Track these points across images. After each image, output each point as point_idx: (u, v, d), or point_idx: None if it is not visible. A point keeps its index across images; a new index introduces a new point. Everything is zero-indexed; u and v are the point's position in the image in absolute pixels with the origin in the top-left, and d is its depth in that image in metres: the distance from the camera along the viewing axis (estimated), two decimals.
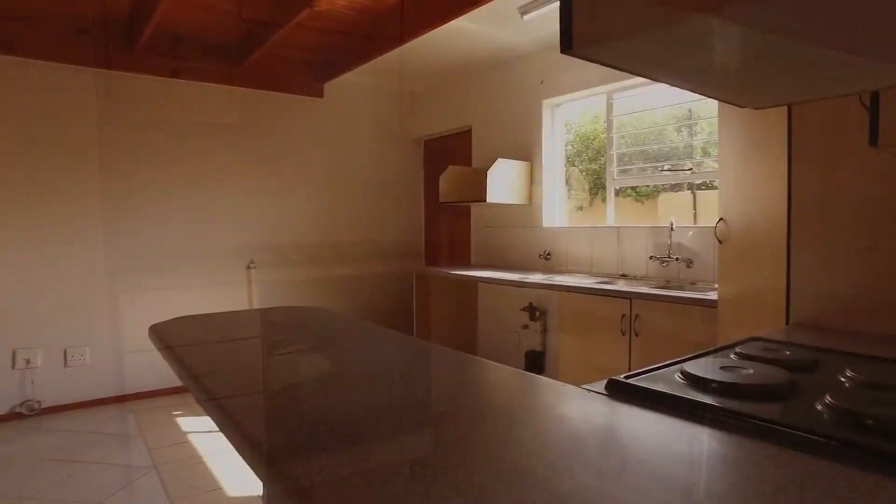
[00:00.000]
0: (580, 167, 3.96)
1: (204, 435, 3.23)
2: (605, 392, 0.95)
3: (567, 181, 4.00)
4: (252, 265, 4.27)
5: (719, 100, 1.09)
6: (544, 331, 3.24)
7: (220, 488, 2.59)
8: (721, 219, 2.23)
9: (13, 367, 3.45)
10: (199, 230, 4.06)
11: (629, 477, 0.63)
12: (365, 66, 4.08)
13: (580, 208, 3.95)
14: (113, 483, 2.64)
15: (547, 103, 3.92)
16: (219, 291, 4.11)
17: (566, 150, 4.00)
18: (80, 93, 3.66)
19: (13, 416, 3.46)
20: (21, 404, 3.47)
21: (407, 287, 4.81)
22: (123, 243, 3.79)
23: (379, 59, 3.91)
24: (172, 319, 1.64)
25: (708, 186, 3.13)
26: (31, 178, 3.50)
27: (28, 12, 3.43)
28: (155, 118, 3.92)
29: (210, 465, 2.84)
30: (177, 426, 3.37)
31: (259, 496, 2.51)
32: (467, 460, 0.68)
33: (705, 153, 3.15)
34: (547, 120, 3.94)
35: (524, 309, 3.30)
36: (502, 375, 1.08)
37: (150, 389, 3.89)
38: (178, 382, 3.94)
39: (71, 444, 3.11)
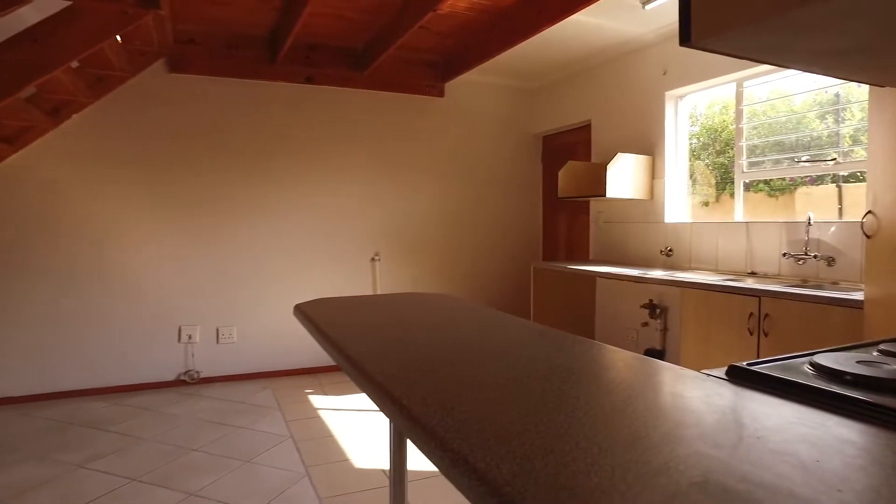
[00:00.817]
0: (706, 161, 3.77)
1: (332, 412, 3.51)
2: (725, 377, 0.96)
3: (691, 175, 3.83)
4: (376, 258, 4.55)
5: (856, 81, 1.04)
6: (664, 329, 3.15)
7: (348, 460, 2.82)
8: (869, 211, 2.05)
9: (179, 340, 3.99)
10: (328, 224, 4.40)
11: (745, 449, 0.66)
12: (484, 64, 4.18)
13: (706, 203, 3.77)
14: (258, 446, 2.97)
15: (670, 95, 3.78)
16: (345, 281, 4.43)
17: (691, 144, 3.83)
18: (230, 101, 4.11)
19: (179, 383, 4.00)
20: (185, 373, 4.01)
21: (524, 282, 4.87)
22: (261, 235, 4.21)
23: (498, 56, 3.99)
24: (314, 300, 1.83)
25: (856, 179, 2.86)
26: (192, 180, 4.01)
27: (194, 36, 3.93)
28: (291, 121, 4.30)
29: (338, 439, 3.09)
30: (309, 403, 3.70)
31: (382, 470, 2.71)
32: (587, 424, 0.74)
33: (855, 141, 2.88)
34: (670, 112, 3.81)
35: (644, 306, 3.23)
36: (622, 356, 1.11)
37: (285, 369, 4.29)
38: (309, 364, 4.34)
39: (223, 409, 3.53)
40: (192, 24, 3.83)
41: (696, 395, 0.87)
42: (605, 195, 3.78)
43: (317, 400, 3.76)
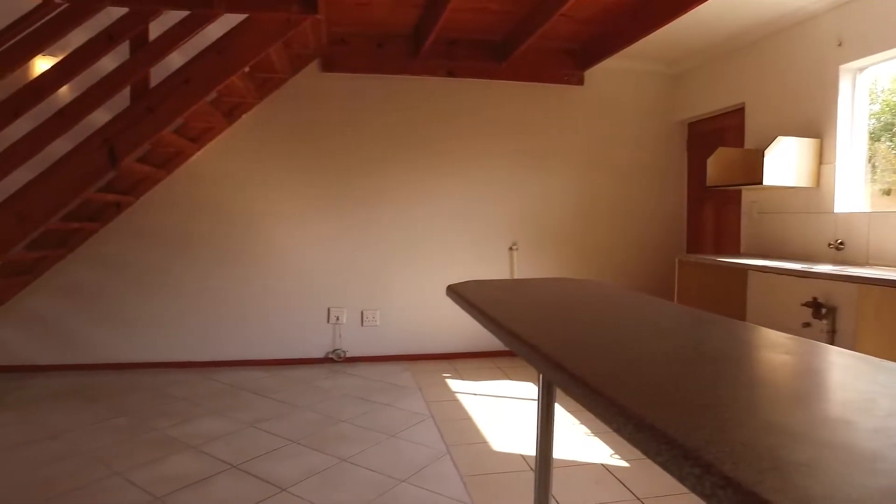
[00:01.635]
0: (889, 143, 3.33)
1: (469, 396, 3.61)
2: None
3: (870, 160, 3.40)
4: (514, 247, 4.59)
5: None
6: (832, 331, 2.84)
7: (486, 442, 2.89)
8: None
9: (328, 321, 4.33)
10: (467, 213, 4.51)
11: None
12: (625, 50, 4.03)
13: (887, 192, 3.32)
14: (400, 422, 3.15)
15: (846, 69, 3.37)
16: (483, 270, 4.52)
17: (870, 124, 3.40)
18: (377, 96, 4.36)
19: (327, 360, 4.35)
20: (332, 352, 4.35)
21: (666, 275, 4.64)
22: (404, 224, 4.42)
23: (639, 41, 3.83)
24: (465, 281, 1.89)
25: None
26: (343, 171, 4.31)
27: (345, 36, 4.22)
28: (433, 113, 4.45)
29: (476, 422, 3.18)
30: (447, 386, 3.83)
31: (521, 455, 2.74)
32: (774, 404, 0.70)
33: None
34: (845, 89, 3.40)
35: (806, 304, 2.94)
36: (779, 339, 1.03)
37: (423, 353, 4.48)
38: (446, 350, 4.50)
39: (367, 387, 3.78)
40: (342, 25, 4.12)
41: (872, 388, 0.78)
42: (761, 183, 3.48)
43: (454, 384, 3.88)
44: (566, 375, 0.83)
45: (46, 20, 3.22)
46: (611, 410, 0.70)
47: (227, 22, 3.30)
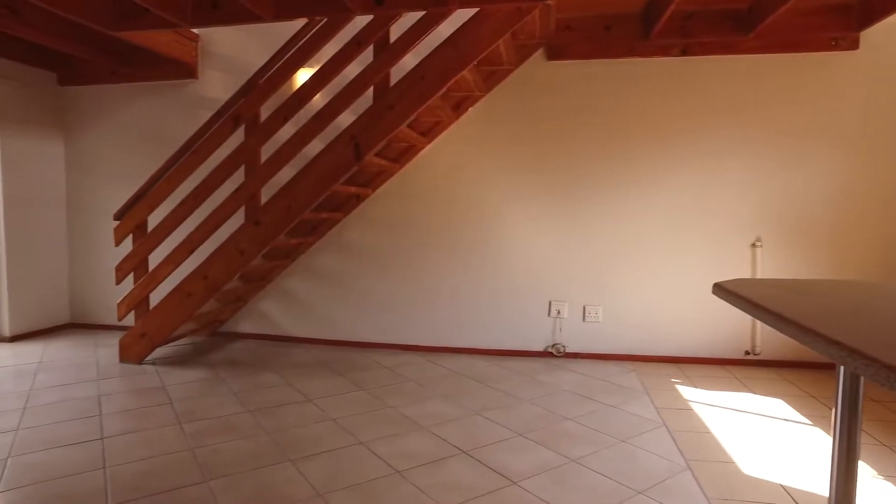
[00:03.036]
0: None
1: (706, 407, 3.23)
2: None
3: None
4: (757, 243, 4.00)
5: None
6: None
7: (733, 463, 2.53)
8: None
9: (548, 314, 4.25)
10: (699, 205, 4.04)
11: None
12: None
13: None
14: (630, 427, 2.92)
15: None
16: (719, 267, 4.02)
17: None
18: (603, 82, 4.12)
19: (546, 354, 4.27)
20: (552, 346, 4.26)
21: None
22: (629, 216, 4.12)
23: None
24: (737, 279, 1.63)
25: None
26: (566, 161, 4.18)
27: (571, 22, 4.07)
28: (662, 96, 4.07)
29: (718, 437, 2.81)
30: (678, 393, 3.48)
31: (781, 485, 2.34)
32: None
33: None
34: None
35: None
36: None
37: (647, 355, 4.16)
38: (673, 353, 4.11)
39: (589, 385, 3.60)
40: (569, 11, 3.96)
41: None
42: None
43: (685, 391, 3.51)
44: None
45: (308, 37, 3.65)
46: None
47: (456, 20, 3.39)
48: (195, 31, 4.62)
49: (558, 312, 4.22)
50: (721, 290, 1.54)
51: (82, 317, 5.19)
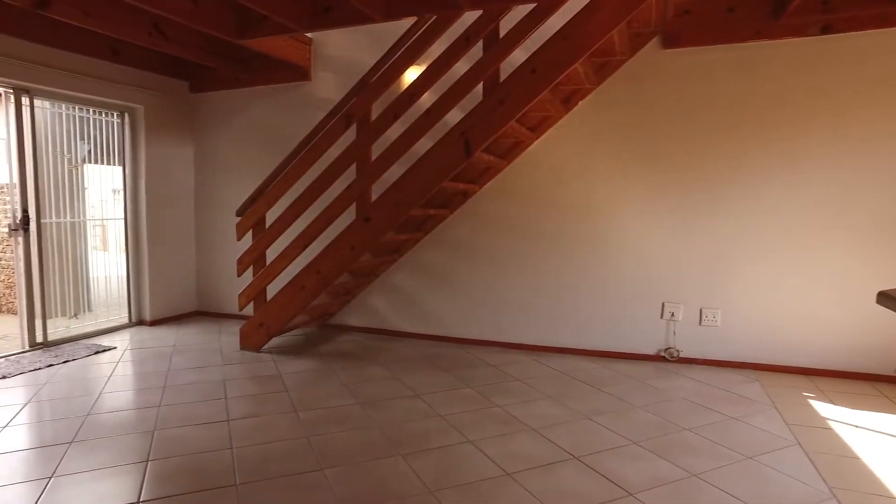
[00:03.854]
0: None
1: (848, 428, 2.90)
2: None
3: None
4: None
5: None
6: None
7: (892, 498, 2.24)
8: None
9: (661, 316, 4.02)
10: (839, 200, 3.64)
11: None
12: None
13: None
14: (757, 443, 2.69)
15: None
16: (862, 269, 3.60)
17: None
18: (724, 68, 3.82)
19: (658, 358, 4.05)
20: (665, 350, 4.03)
21: None
22: (755, 213, 3.80)
23: None
24: None
25: None
26: (682, 154, 3.92)
27: (690, 7, 3.80)
28: (795, 82, 3.70)
29: (867, 464, 2.51)
30: (812, 409, 3.16)
31: None
32: None
33: None
34: None
35: None
36: None
37: (772, 364, 3.82)
38: (804, 364, 3.74)
39: (707, 394, 3.37)
40: None
41: None
42: None
43: (821, 408, 3.18)
44: None
45: (417, 36, 3.68)
46: None
47: (567, 11, 3.28)
48: (308, 34, 4.83)
49: (672, 314, 3.98)
50: (890, 300, 1.35)
51: (207, 305, 5.62)
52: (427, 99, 3.81)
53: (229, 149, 5.36)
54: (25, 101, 4.15)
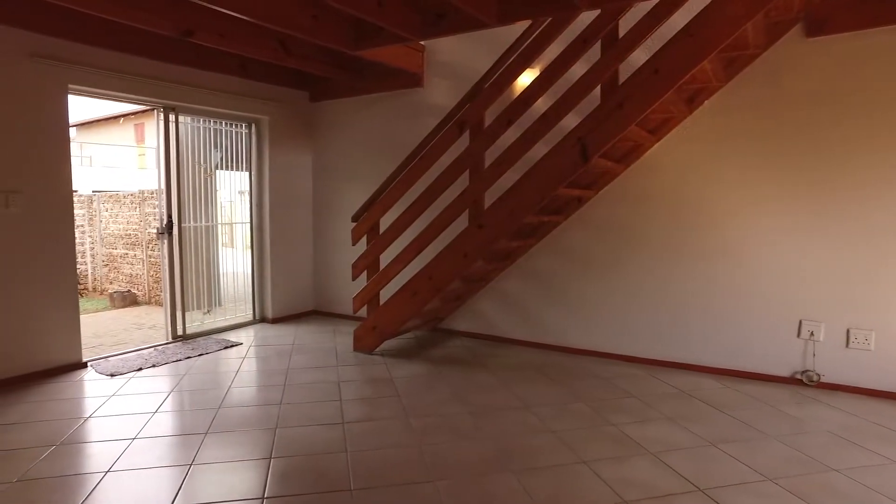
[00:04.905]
0: None
1: None
2: None
3: None
4: None
5: None
6: None
7: None
8: None
9: (798, 335, 3.64)
10: None
11: None
12: None
13: None
14: None
15: None
16: None
17: None
18: (876, 56, 3.36)
19: (793, 381, 3.67)
20: (802, 372, 3.64)
21: None
22: None
23: None
24: None
25: None
26: (826, 152, 3.52)
27: None
28: None
29: None
30: None
31: None
32: None
33: None
34: None
35: None
36: None
37: None
38: None
39: (858, 428, 2.98)
40: None
41: None
42: None
43: None
44: None
45: (531, 39, 3.60)
46: None
47: (692, 6, 3.05)
48: (421, 41, 4.90)
49: (811, 334, 3.58)
50: None
51: (322, 305, 5.90)
52: (542, 104, 3.72)
53: (345, 155, 5.58)
54: (172, 117, 4.57)
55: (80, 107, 14.91)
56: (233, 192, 5.61)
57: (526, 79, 3.99)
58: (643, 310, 4.13)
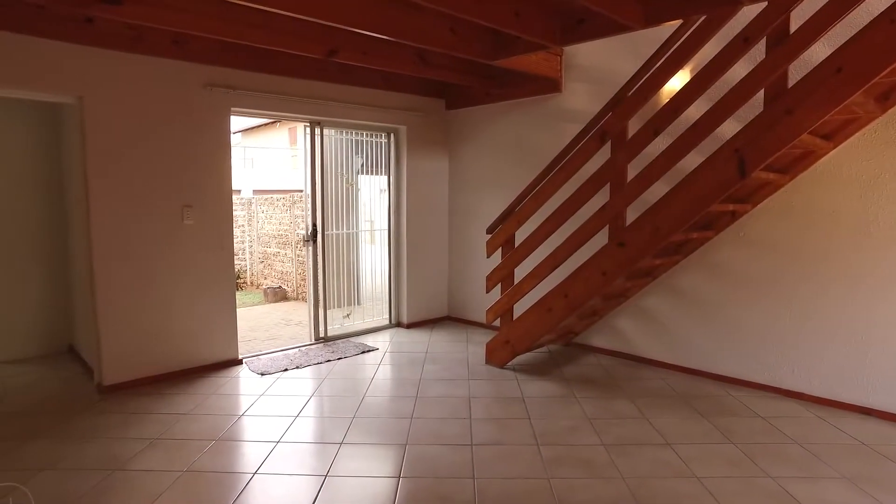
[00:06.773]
0: None
1: None
2: None
3: None
4: None
5: None
6: None
7: None
8: None
9: None
10: None
11: None
12: None
13: None
14: None
15: None
16: None
17: None
18: None
19: None
20: None
21: None
22: None
23: None
24: None
25: None
26: None
27: None
28: None
29: None
30: None
31: None
32: None
33: None
34: None
35: None
36: None
37: None
38: None
39: None
40: None
41: None
42: None
43: None
44: None
45: (682, 41, 3.28)
46: None
47: None
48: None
49: None
50: None
51: (456, 312, 5.94)
52: (692, 111, 3.38)
53: (481, 162, 5.55)
54: (318, 131, 4.85)
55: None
56: (373, 191, 5.73)
57: (674, 84, 3.66)
58: (809, 339, 3.60)
